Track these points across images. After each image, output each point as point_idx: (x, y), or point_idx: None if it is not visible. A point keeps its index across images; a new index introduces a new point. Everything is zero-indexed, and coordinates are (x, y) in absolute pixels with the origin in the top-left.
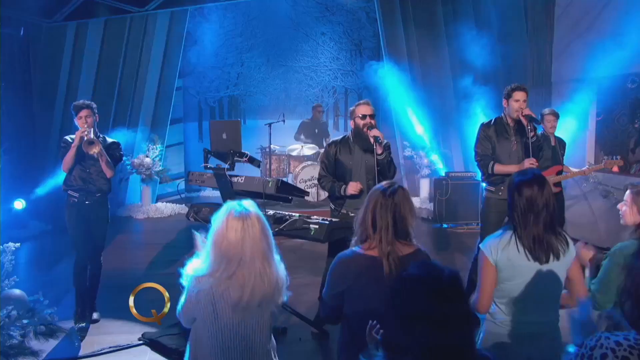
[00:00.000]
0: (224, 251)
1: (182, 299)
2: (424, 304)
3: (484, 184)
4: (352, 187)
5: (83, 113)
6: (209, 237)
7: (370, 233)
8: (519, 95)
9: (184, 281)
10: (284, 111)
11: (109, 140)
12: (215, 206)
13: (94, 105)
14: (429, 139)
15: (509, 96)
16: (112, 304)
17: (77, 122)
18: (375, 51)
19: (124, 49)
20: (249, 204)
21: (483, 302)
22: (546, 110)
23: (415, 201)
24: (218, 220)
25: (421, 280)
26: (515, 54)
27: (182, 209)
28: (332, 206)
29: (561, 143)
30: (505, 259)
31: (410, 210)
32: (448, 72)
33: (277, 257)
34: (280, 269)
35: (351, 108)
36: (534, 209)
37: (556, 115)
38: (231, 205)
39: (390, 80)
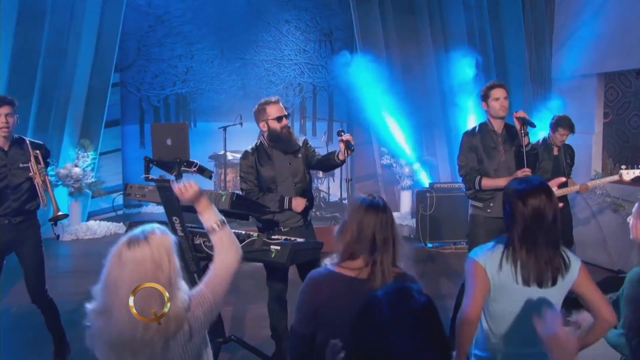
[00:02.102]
0: (109, 281)
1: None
2: (388, 333)
3: (470, 201)
4: (300, 204)
5: (3, 110)
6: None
7: (364, 253)
8: (498, 92)
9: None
10: (242, 112)
11: (32, 141)
12: (159, 225)
13: (17, 102)
14: (410, 144)
15: (486, 97)
16: (27, 347)
17: None
18: (348, 42)
19: (45, 35)
20: (152, 228)
21: (474, 308)
22: (560, 119)
23: (395, 217)
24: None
25: (388, 305)
26: (511, 47)
27: (119, 228)
28: (259, 225)
29: (568, 151)
30: (496, 276)
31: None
32: (433, 69)
33: (179, 291)
34: (179, 304)
35: (256, 107)
36: (541, 223)
37: (571, 129)
38: (134, 229)
39: (366, 77)
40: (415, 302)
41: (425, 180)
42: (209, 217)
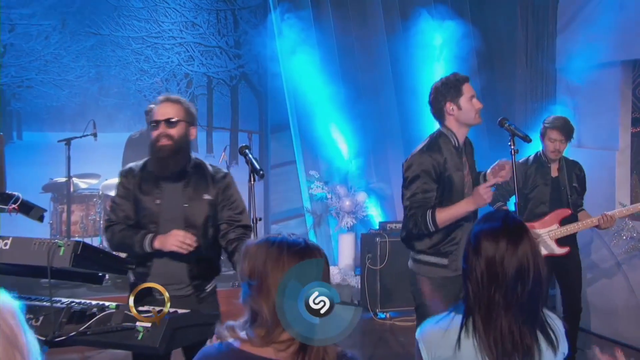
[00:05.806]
0: None
1: None
2: None
3: (418, 255)
4: (169, 240)
5: None
6: None
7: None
8: (470, 88)
9: None
10: (96, 117)
11: None
12: None
13: None
14: (354, 165)
15: (456, 94)
16: None
17: None
18: (259, 12)
19: None
20: None
21: None
22: (550, 121)
23: (331, 272)
24: None
25: None
26: (499, 25)
27: None
28: (130, 281)
29: (574, 170)
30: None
31: None
32: (386, 57)
33: None
34: None
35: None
36: (498, 280)
37: (567, 134)
38: None
39: (288, 64)
40: None
41: (375, 217)
42: None
